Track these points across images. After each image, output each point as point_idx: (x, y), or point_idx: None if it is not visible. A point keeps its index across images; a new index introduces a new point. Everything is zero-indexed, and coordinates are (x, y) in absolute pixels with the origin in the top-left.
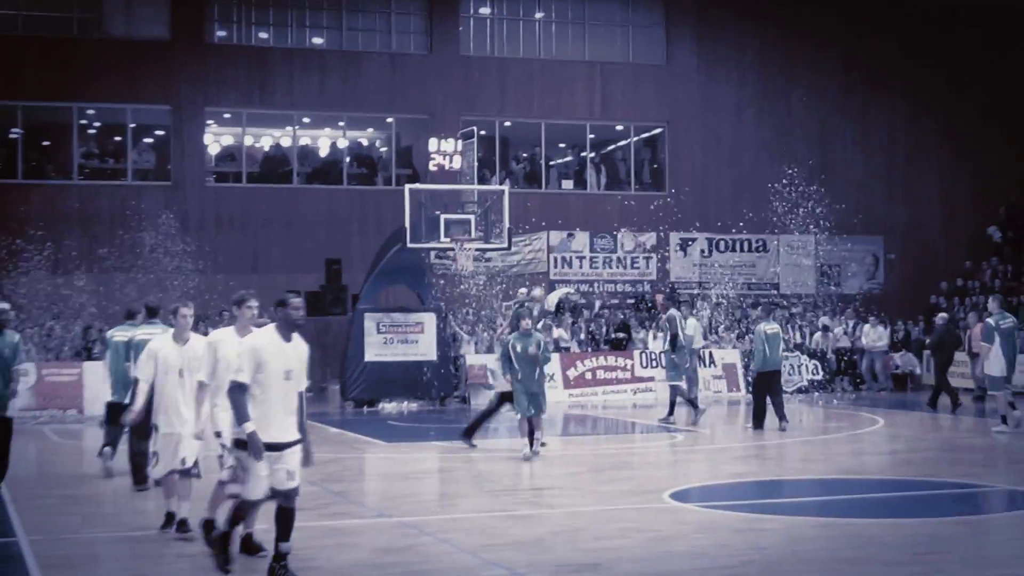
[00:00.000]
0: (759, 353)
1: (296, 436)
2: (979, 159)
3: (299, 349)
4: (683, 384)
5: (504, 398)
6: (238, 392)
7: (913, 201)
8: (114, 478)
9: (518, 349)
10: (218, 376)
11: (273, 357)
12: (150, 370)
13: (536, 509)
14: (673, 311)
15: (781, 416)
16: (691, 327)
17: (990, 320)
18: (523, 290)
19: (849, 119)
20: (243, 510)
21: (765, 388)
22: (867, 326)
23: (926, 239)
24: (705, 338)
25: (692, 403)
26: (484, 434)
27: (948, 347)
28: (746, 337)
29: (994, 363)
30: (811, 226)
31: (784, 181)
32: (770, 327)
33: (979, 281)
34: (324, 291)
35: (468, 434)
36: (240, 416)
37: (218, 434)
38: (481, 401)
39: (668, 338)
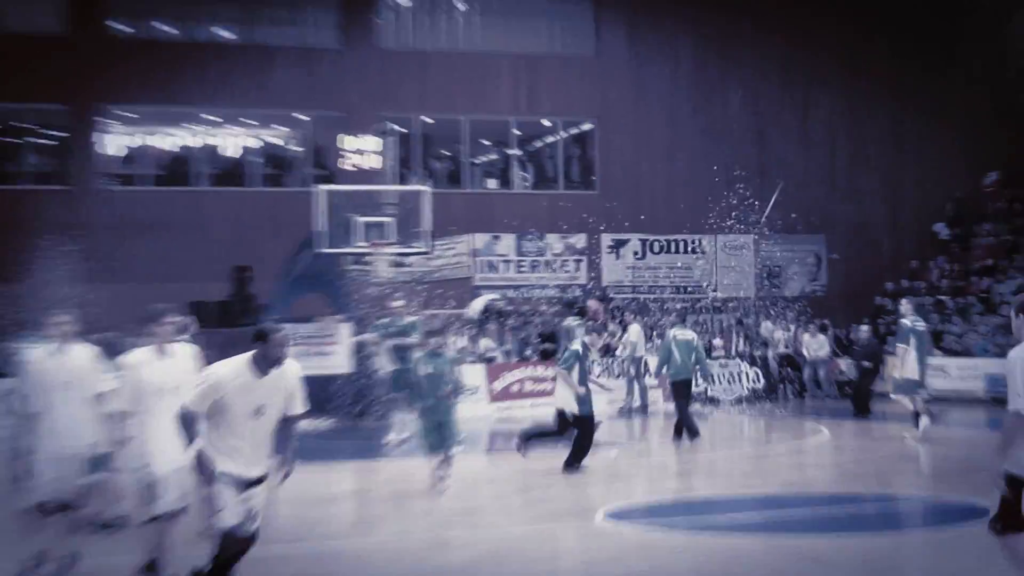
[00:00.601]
0: (671, 361)
1: (264, 471)
2: (924, 153)
3: (279, 383)
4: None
5: (569, 424)
6: (187, 417)
7: (856, 198)
8: None
9: (426, 371)
10: (147, 404)
11: (238, 396)
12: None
13: (462, 532)
14: (569, 320)
15: (689, 429)
16: (634, 333)
17: (905, 321)
18: (398, 303)
19: (789, 115)
20: (226, 545)
21: (679, 396)
22: (806, 336)
23: (870, 238)
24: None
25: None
26: (394, 452)
27: (875, 359)
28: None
29: (909, 366)
30: (750, 226)
31: (721, 179)
32: (682, 333)
33: (926, 281)
34: (232, 301)
35: (526, 440)
36: (186, 437)
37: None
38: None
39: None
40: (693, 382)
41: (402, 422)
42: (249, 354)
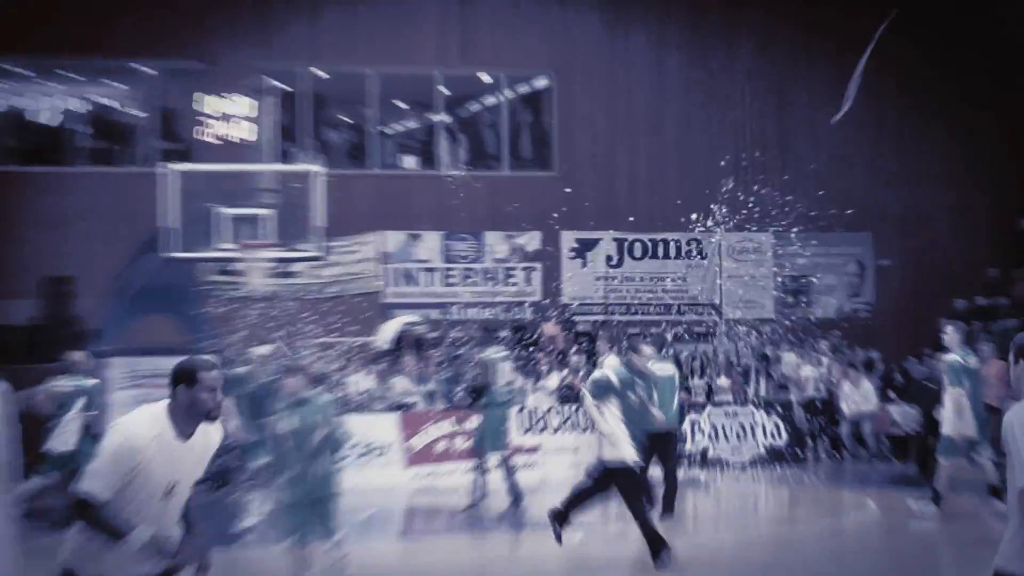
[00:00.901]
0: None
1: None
2: (1000, 125)
3: (199, 450)
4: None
5: (613, 477)
6: (96, 512)
7: (911, 183)
8: None
9: (288, 427)
10: None
11: (153, 467)
12: None
13: None
14: (492, 353)
15: (668, 502)
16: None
17: (953, 357)
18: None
19: (817, 74)
20: None
21: (653, 456)
22: (846, 384)
23: (932, 237)
24: None
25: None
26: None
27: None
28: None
29: (964, 418)
30: (767, 221)
31: (727, 158)
32: (660, 367)
33: (1010, 296)
34: (45, 325)
35: (560, 518)
36: (113, 533)
37: None
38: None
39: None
40: (677, 435)
41: (263, 499)
42: (165, 404)
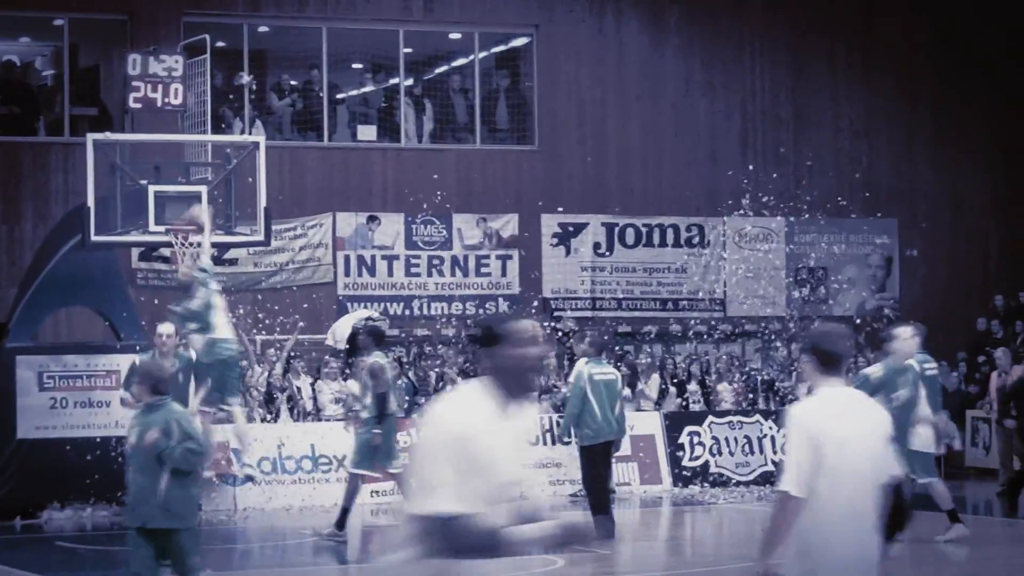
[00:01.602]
0: (584, 416)
1: None
2: None
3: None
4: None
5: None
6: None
7: (945, 163)
8: None
9: (131, 441)
10: None
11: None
12: None
13: None
14: (377, 357)
15: (603, 517)
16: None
17: (912, 363)
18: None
19: (840, 36)
20: None
21: (596, 468)
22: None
23: (968, 225)
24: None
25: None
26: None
27: None
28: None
29: (924, 430)
30: (779, 204)
31: (730, 130)
32: (600, 371)
33: None
34: None
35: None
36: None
37: None
38: (223, 500)
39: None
40: (615, 447)
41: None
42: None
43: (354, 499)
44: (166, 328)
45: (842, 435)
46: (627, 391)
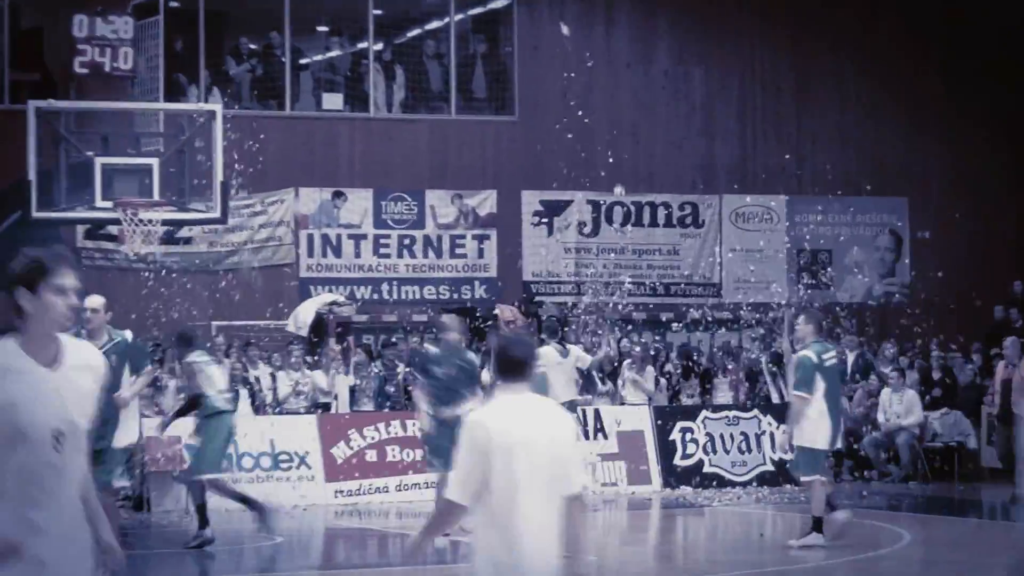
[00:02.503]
0: None
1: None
2: None
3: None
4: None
5: None
6: None
7: (958, 138)
8: None
9: None
10: None
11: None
12: None
13: None
14: (196, 357)
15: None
16: (547, 357)
17: (808, 353)
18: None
19: (839, 4)
20: None
21: None
22: (884, 391)
23: (984, 205)
24: (590, 385)
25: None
26: None
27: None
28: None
29: (814, 426)
30: (780, 181)
31: (727, 100)
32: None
33: None
34: None
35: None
36: None
37: None
38: (167, 501)
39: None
40: None
41: None
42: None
43: (233, 498)
44: (93, 302)
45: (514, 442)
46: (605, 383)
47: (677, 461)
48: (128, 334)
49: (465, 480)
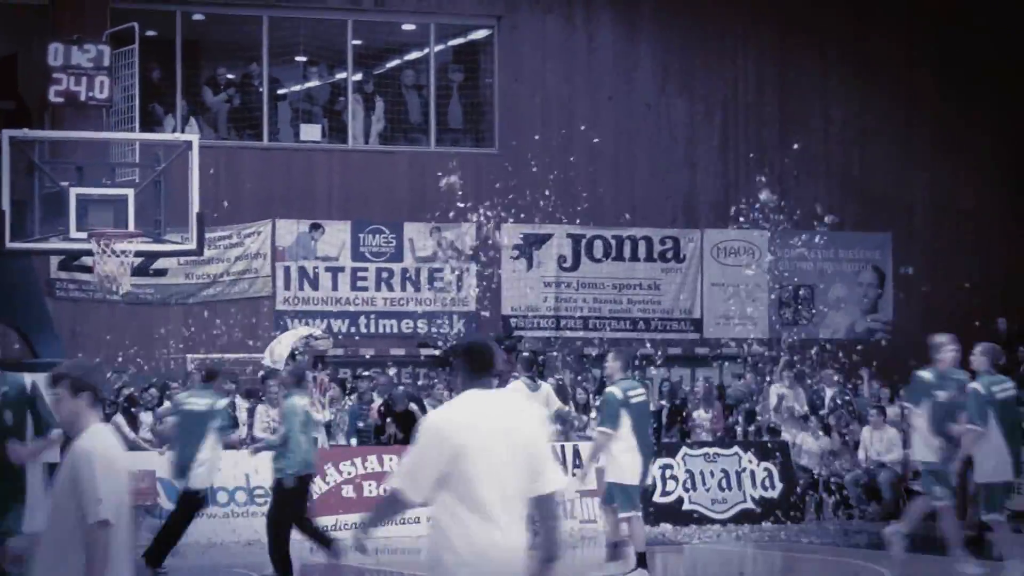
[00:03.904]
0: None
1: None
2: None
3: None
4: None
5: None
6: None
7: (947, 170)
8: None
9: None
10: None
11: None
12: None
13: None
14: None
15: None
16: (543, 398)
17: (614, 390)
18: None
19: (832, 29)
20: None
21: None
22: (865, 429)
23: (970, 239)
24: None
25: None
26: None
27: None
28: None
29: (623, 462)
30: (762, 215)
31: (710, 132)
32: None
33: None
34: None
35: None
36: None
37: None
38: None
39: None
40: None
41: None
42: None
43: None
44: None
45: (476, 439)
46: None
47: (656, 498)
48: (28, 380)
49: (416, 475)
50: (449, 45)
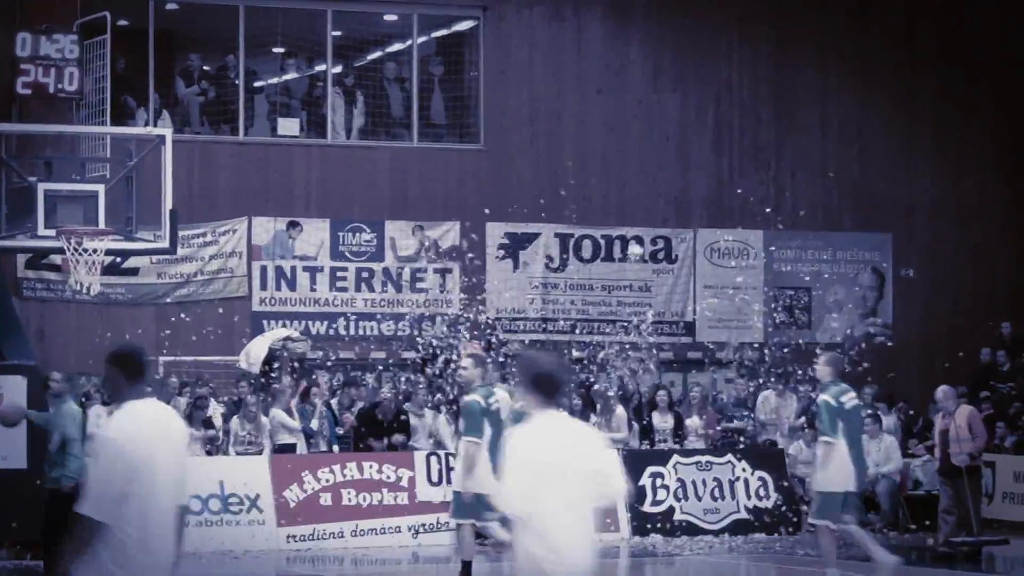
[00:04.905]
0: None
1: None
2: None
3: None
4: None
5: None
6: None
7: (947, 173)
8: None
9: None
10: None
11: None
12: None
13: None
14: None
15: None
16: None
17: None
18: None
19: (830, 24)
20: None
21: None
22: (863, 439)
23: (972, 242)
24: None
25: None
26: None
27: None
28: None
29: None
30: (757, 215)
31: (703, 129)
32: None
33: None
34: None
35: None
36: None
37: None
38: None
39: None
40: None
41: None
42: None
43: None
44: None
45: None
46: None
47: (647, 508)
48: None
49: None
50: (432, 37)
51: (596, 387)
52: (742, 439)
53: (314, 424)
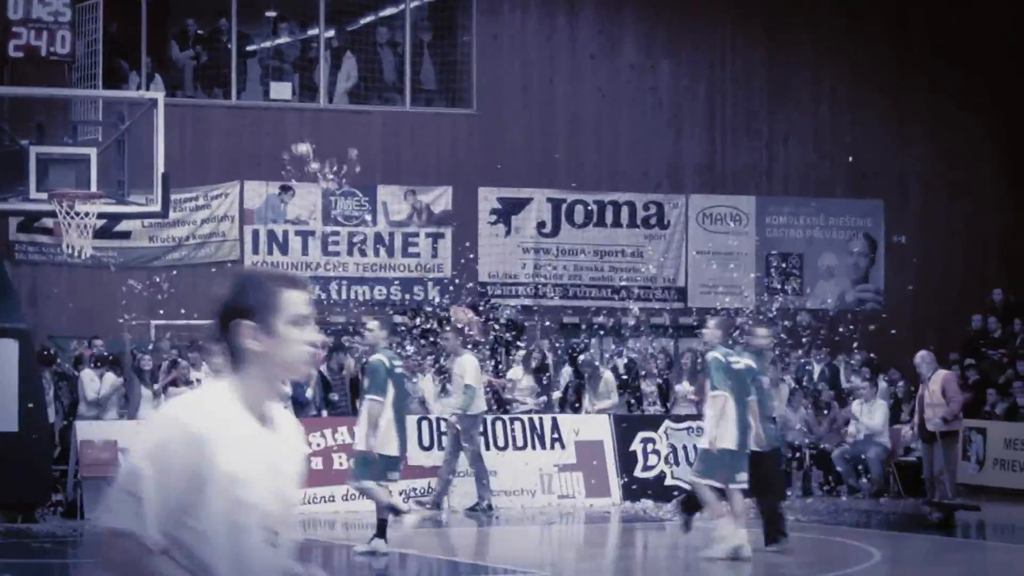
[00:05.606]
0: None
1: None
2: None
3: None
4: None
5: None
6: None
7: (941, 141)
8: None
9: None
10: None
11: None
12: None
13: None
14: None
15: None
16: (469, 368)
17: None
18: None
19: None
20: None
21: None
22: (855, 404)
23: (964, 210)
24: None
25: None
26: None
27: None
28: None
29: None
30: (750, 181)
31: (695, 95)
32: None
33: None
34: None
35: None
36: None
37: None
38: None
39: None
40: None
41: None
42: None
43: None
44: None
45: None
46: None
47: (638, 473)
48: None
49: None
50: (425, 1)
51: (583, 357)
52: None
53: (309, 394)
